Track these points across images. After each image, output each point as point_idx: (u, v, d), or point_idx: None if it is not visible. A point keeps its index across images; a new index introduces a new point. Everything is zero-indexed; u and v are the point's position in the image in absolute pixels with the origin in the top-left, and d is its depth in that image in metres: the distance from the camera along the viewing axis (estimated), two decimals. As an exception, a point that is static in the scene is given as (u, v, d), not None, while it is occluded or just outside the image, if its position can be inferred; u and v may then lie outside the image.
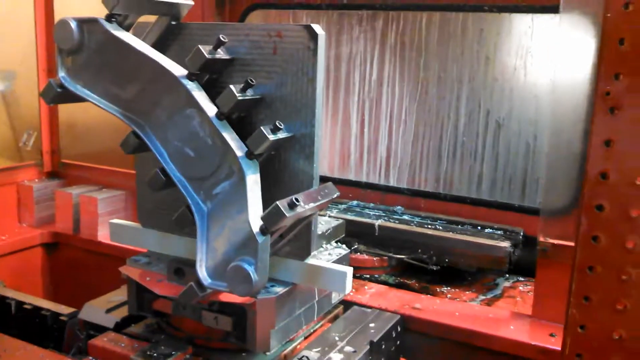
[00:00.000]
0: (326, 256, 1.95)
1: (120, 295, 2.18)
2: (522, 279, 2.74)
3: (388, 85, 3.10)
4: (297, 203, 1.51)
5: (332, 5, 3.18)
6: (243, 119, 1.75)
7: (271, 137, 1.62)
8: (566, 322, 1.53)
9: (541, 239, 2.18)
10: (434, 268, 2.68)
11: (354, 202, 3.15)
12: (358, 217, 2.87)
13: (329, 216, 2.43)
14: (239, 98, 1.64)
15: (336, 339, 1.94)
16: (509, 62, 2.83)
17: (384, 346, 2.00)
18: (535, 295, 2.26)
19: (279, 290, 1.76)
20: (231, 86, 1.64)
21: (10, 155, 3.65)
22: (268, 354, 1.82)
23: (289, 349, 1.90)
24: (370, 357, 1.91)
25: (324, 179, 1.78)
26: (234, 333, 1.81)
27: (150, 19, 1.81)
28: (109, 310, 2.11)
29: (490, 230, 2.76)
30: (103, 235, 3.23)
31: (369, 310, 2.18)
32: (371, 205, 3.12)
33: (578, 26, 2.08)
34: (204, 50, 1.65)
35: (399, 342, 2.14)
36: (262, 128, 1.62)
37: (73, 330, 2.21)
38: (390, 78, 3.09)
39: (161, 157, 1.72)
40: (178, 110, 1.68)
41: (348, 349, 1.88)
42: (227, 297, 1.70)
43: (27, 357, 1.87)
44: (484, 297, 2.57)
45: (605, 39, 1.44)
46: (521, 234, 2.73)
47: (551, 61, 2.65)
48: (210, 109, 1.64)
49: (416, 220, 2.87)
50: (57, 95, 1.75)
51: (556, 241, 2.16)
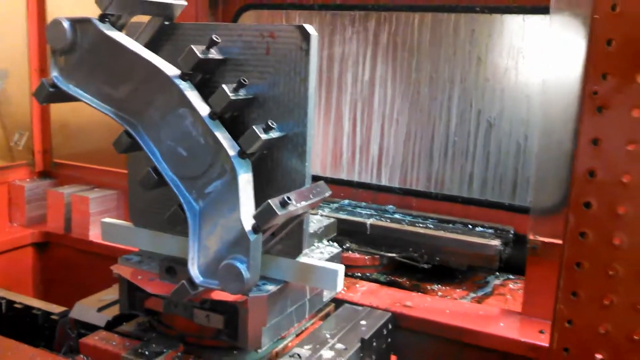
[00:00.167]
0: (318, 254, 1.96)
1: (111, 294, 2.18)
2: (513, 277, 2.76)
3: (380, 85, 3.11)
4: (289, 201, 1.52)
5: (325, 6, 3.19)
6: (235, 119, 1.76)
7: (263, 137, 1.63)
8: (554, 317, 1.55)
9: (531, 237, 2.20)
10: (425, 266, 2.69)
11: (346, 201, 3.17)
12: (350, 216, 2.89)
13: (321, 215, 2.44)
14: (232, 98, 1.65)
15: (327, 336, 1.95)
16: (500, 63, 2.85)
17: (375, 343, 2.01)
18: (525, 292, 2.28)
19: (271, 288, 1.77)
20: (224, 86, 1.65)
21: (2, 155, 3.64)
22: (259, 351, 1.83)
23: (280, 347, 1.91)
24: (361, 355, 1.93)
25: (316, 178, 1.79)
26: (225, 331, 1.82)
27: (144, 19, 1.82)
28: (100, 309, 2.11)
29: (481, 228, 2.78)
30: (94, 235, 3.23)
31: (360, 308, 2.20)
32: (363, 204, 3.13)
33: (568, 27, 2.10)
34: (197, 50, 1.66)
35: (390, 340, 2.15)
36: (255, 127, 1.63)
37: (64, 329, 2.21)
38: (383, 78, 3.10)
39: (153, 157, 1.72)
40: (171, 109, 1.69)
41: (339, 346, 1.89)
42: (219, 295, 1.71)
43: (18, 356, 1.86)
44: (474, 295, 2.59)
45: (593, 39, 1.47)
46: (512, 232, 2.75)
47: (542, 62, 2.67)
48: (203, 109, 1.65)
49: (408, 219, 2.89)
50: (50, 94, 1.75)
51: (546, 239, 2.18)
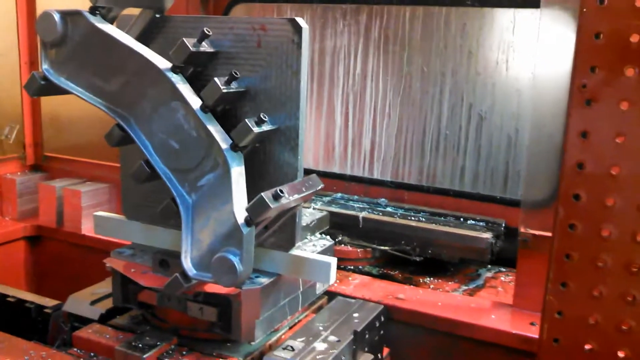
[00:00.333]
0: (310, 247, 1.97)
1: (104, 287, 2.18)
2: (504, 270, 2.78)
3: (372, 79, 3.12)
4: (282, 195, 1.53)
5: (316, -1, 3.19)
6: (227, 112, 1.76)
7: (255, 130, 1.64)
8: (544, 308, 1.57)
9: (522, 230, 2.22)
10: (417, 259, 2.71)
11: (338, 195, 3.17)
12: (342, 209, 2.90)
13: (314, 208, 2.45)
14: (224, 91, 1.65)
15: (320, 328, 1.96)
16: (491, 57, 2.86)
17: (367, 336, 2.03)
18: (516, 285, 2.30)
19: (264, 281, 1.78)
20: (216, 79, 1.65)
21: (-7, 149, 3.62)
22: (253, 343, 1.84)
23: (273, 339, 1.92)
24: (354, 347, 1.94)
25: (308, 172, 1.80)
26: (219, 323, 1.82)
27: (134, 11, 1.81)
28: (93, 302, 2.11)
29: (473, 221, 2.80)
30: (87, 228, 3.22)
31: (353, 300, 2.21)
32: (355, 197, 3.14)
33: (558, 21, 2.11)
34: (189, 43, 1.66)
35: (382, 332, 2.17)
36: (247, 120, 1.63)
37: (57, 323, 2.21)
38: (374, 72, 3.11)
39: (146, 150, 1.72)
40: (163, 102, 1.69)
41: (332, 338, 1.90)
42: (212, 288, 1.72)
43: (11, 350, 1.86)
44: (466, 288, 2.61)
45: (581, 33, 1.48)
46: (503, 225, 2.77)
47: (533, 55, 2.69)
48: (195, 102, 1.65)
49: (400, 212, 2.90)
50: (41, 87, 1.75)
51: (537, 232, 2.19)
